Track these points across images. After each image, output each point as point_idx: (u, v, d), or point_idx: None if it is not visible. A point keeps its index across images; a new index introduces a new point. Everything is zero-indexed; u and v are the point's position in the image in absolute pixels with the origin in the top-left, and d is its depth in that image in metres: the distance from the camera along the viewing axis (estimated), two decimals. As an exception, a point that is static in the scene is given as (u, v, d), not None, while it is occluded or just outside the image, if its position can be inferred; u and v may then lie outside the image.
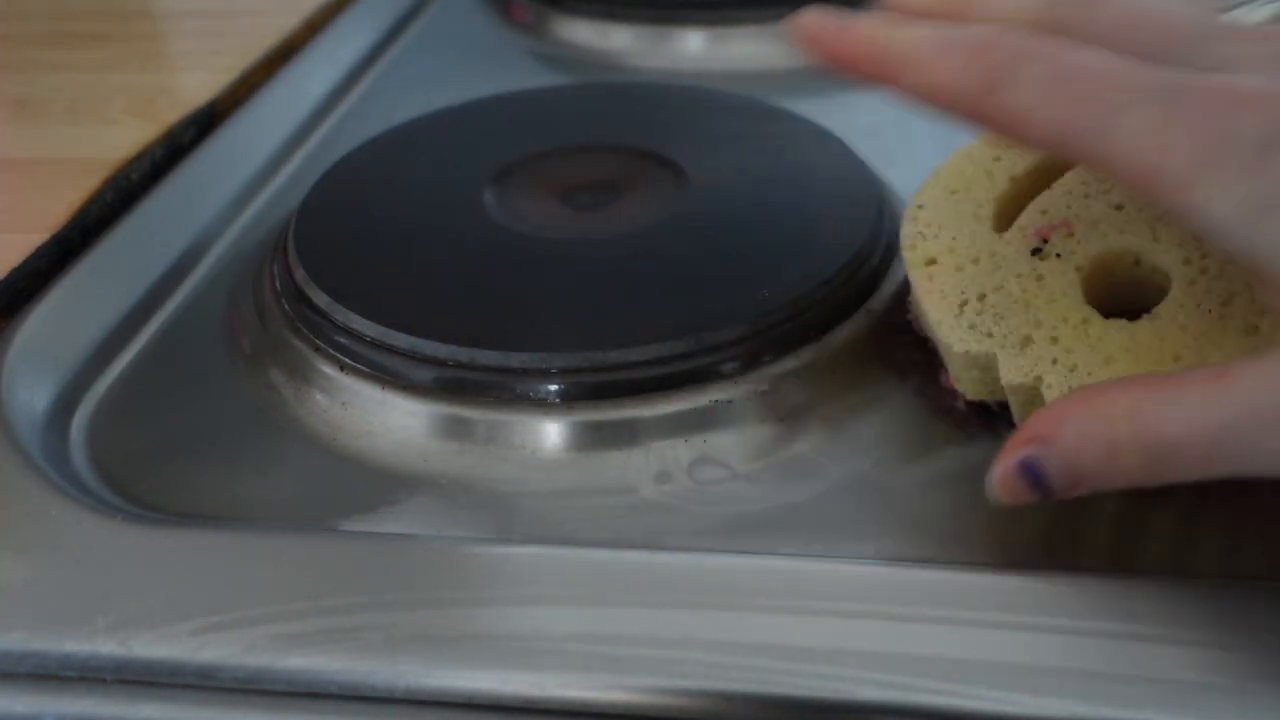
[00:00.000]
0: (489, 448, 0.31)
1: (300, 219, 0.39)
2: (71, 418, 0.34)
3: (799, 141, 0.41)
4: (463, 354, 0.32)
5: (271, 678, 0.24)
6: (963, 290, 0.29)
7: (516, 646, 0.25)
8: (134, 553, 0.27)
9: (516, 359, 0.31)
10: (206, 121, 0.48)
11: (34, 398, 0.33)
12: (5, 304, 0.37)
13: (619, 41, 0.58)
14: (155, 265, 0.40)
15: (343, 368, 0.33)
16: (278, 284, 0.37)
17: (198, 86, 0.50)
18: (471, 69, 0.57)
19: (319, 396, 0.33)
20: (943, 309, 0.29)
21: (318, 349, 0.34)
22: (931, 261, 0.30)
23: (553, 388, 0.31)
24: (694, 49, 0.57)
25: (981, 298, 0.29)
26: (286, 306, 0.36)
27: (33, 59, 0.55)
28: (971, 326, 0.28)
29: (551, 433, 0.31)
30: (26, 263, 0.38)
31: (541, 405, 0.31)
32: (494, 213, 0.38)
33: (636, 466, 0.30)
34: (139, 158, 0.44)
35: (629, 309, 0.33)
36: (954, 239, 0.31)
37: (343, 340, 0.33)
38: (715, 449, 0.31)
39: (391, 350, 0.32)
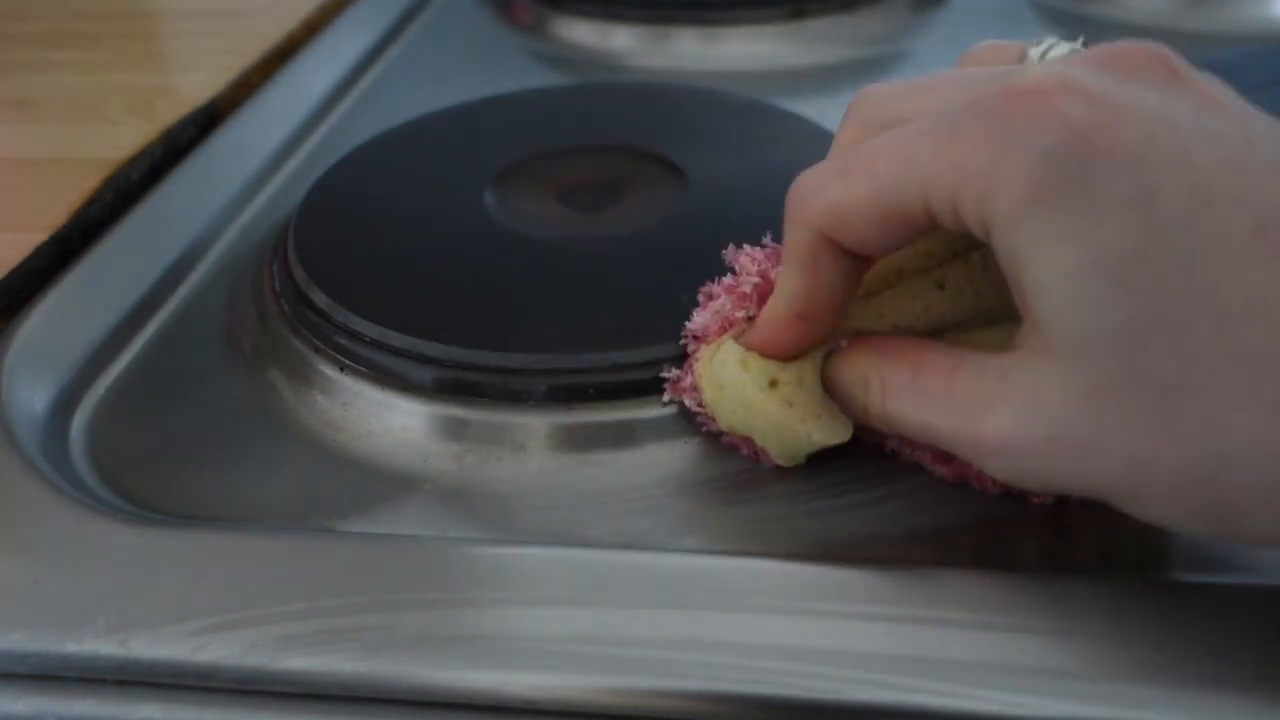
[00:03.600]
0: (488, 448, 0.31)
1: (300, 219, 0.39)
2: (71, 418, 0.34)
3: (799, 142, 0.41)
4: (462, 354, 0.32)
5: (271, 678, 0.24)
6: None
7: (516, 646, 0.25)
8: (134, 553, 0.27)
9: (516, 360, 0.31)
10: (206, 121, 0.48)
11: (34, 398, 0.33)
12: (5, 304, 0.37)
13: (619, 41, 0.58)
14: (155, 265, 0.40)
15: (342, 368, 0.33)
16: (277, 284, 0.37)
17: (198, 86, 0.50)
18: (471, 69, 0.57)
19: (319, 397, 0.33)
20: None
21: (317, 350, 0.34)
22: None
23: (552, 388, 0.31)
24: (694, 49, 0.57)
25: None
26: (286, 307, 0.36)
27: (33, 59, 0.55)
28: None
29: (551, 434, 0.31)
30: (26, 263, 0.38)
31: (541, 406, 0.31)
32: (494, 213, 0.38)
33: (636, 467, 0.30)
34: (139, 158, 0.44)
35: (629, 310, 0.33)
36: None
37: (342, 341, 0.33)
38: (715, 450, 0.31)
39: (391, 350, 0.32)
